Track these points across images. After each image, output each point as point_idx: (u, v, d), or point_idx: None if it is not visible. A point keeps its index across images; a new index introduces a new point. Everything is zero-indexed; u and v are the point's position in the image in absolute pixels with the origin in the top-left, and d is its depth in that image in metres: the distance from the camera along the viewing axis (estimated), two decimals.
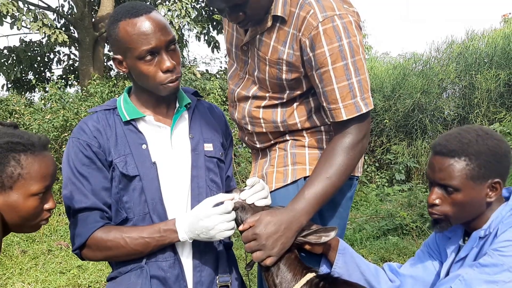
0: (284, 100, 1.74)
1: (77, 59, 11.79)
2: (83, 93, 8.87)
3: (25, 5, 9.58)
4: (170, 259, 1.59)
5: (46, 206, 1.37)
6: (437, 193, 1.53)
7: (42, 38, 10.62)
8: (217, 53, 12.17)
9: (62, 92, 8.37)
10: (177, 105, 1.71)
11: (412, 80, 7.38)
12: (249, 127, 1.83)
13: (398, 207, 5.63)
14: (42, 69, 12.03)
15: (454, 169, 1.48)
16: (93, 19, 11.06)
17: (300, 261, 1.58)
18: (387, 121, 7.36)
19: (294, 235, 1.54)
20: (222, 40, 13.50)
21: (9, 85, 11.73)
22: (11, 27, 9.67)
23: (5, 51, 11.12)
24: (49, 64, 12.17)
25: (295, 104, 1.74)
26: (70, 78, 11.42)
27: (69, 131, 6.81)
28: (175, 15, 9.93)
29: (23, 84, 11.92)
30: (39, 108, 8.28)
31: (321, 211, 1.69)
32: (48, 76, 12.32)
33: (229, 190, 1.75)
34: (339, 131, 1.63)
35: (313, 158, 1.72)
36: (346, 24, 1.54)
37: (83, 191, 1.57)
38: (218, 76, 11.21)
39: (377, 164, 7.42)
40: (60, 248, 4.93)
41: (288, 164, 1.75)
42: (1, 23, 9.05)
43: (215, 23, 11.64)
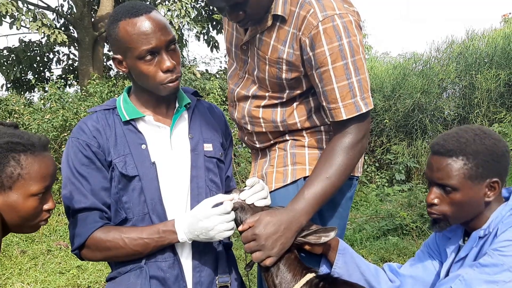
0: (284, 100, 1.73)
1: (77, 59, 11.79)
2: (83, 93, 8.87)
3: (25, 5, 9.58)
4: (170, 260, 1.59)
5: (46, 206, 1.37)
6: (436, 192, 1.53)
7: (41, 38, 10.64)
8: (216, 53, 12.19)
9: (61, 92, 8.37)
10: (177, 105, 1.70)
11: (412, 80, 7.37)
12: (249, 127, 1.83)
13: (398, 207, 5.62)
14: (41, 69, 12.04)
15: (452, 168, 1.48)
16: (93, 19, 11.06)
17: (300, 261, 1.57)
18: (387, 121, 7.35)
19: (294, 235, 1.54)
20: (222, 40, 13.50)
21: (9, 85, 11.73)
22: (11, 27, 9.67)
23: (5, 51, 11.13)
24: (48, 64, 12.18)
25: (294, 104, 1.74)
26: (69, 78, 11.42)
27: (69, 131, 6.81)
28: (174, 15, 9.93)
29: (23, 84, 11.93)
30: (38, 108, 8.28)
31: (321, 211, 1.68)
32: (48, 76, 12.33)
33: (228, 190, 1.75)
34: (338, 131, 1.62)
35: (313, 158, 1.72)
36: (346, 24, 1.54)
37: (82, 191, 1.56)
38: (218, 76, 11.21)
39: (377, 164, 7.41)
40: (60, 248, 4.93)
41: (288, 164, 1.74)
42: (0, 23, 9.04)
43: (214, 23, 11.65)
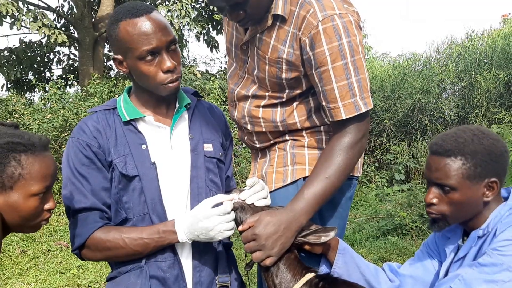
0: (284, 100, 1.74)
1: (77, 59, 11.79)
2: (83, 93, 8.87)
3: (25, 5, 9.57)
4: (170, 260, 1.59)
5: (47, 206, 1.37)
6: (434, 192, 1.53)
7: (41, 38, 10.62)
8: (216, 53, 12.18)
9: (62, 92, 8.37)
10: (177, 105, 1.71)
11: (411, 80, 7.37)
12: (249, 127, 1.83)
13: (397, 207, 5.62)
14: (42, 69, 12.02)
15: (450, 168, 1.48)
16: (93, 19, 11.06)
17: (299, 261, 1.58)
18: (387, 121, 7.35)
19: (294, 235, 1.54)
20: (222, 40, 13.50)
21: (9, 85, 11.72)
22: (11, 27, 9.67)
23: (5, 51, 11.13)
24: (49, 64, 12.17)
25: (294, 104, 1.74)
26: (70, 78, 11.43)
27: (69, 131, 6.81)
28: (175, 15, 9.94)
29: (23, 84, 11.92)
30: (39, 108, 8.27)
31: (321, 211, 1.69)
32: (48, 76, 12.32)
33: (228, 190, 1.75)
34: (338, 131, 1.63)
35: (313, 159, 1.72)
36: (346, 24, 1.54)
37: (82, 191, 1.57)
38: (218, 76, 11.20)
39: (376, 164, 7.41)
40: (60, 248, 4.93)
41: (288, 164, 1.75)
42: (0, 23, 9.04)
43: (214, 23, 11.64)
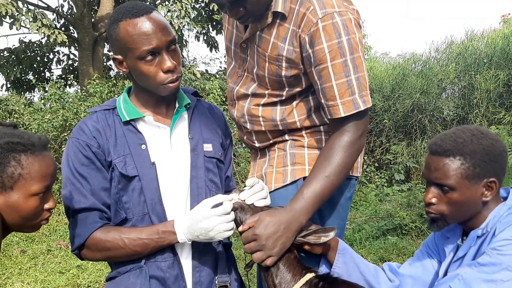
0: (283, 98, 1.73)
1: (77, 59, 11.78)
2: (83, 93, 8.87)
3: (25, 5, 9.57)
4: (169, 260, 1.59)
5: (47, 205, 1.37)
6: (433, 192, 1.53)
7: (41, 38, 10.63)
8: (216, 53, 12.18)
9: (61, 92, 8.38)
10: (177, 105, 1.71)
11: (411, 81, 7.37)
12: (248, 126, 1.83)
13: (397, 207, 5.62)
14: (41, 69, 12.03)
15: (449, 168, 1.48)
16: (93, 19, 11.06)
17: (299, 261, 1.58)
18: (387, 121, 7.36)
19: (294, 234, 1.54)
20: (222, 40, 13.46)
21: (9, 85, 11.72)
22: (11, 28, 9.67)
23: (5, 52, 11.13)
24: (48, 64, 12.17)
25: (294, 103, 1.74)
26: (69, 78, 11.43)
27: (69, 131, 6.81)
28: (174, 15, 9.94)
29: (23, 84, 11.92)
30: (38, 108, 8.28)
31: (321, 211, 1.69)
32: (48, 76, 12.32)
33: (228, 190, 1.75)
34: (337, 129, 1.63)
35: (312, 159, 1.72)
36: (345, 22, 1.54)
37: (82, 191, 1.57)
38: (217, 76, 11.20)
39: (376, 164, 7.41)
40: (60, 248, 4.93)
41: (288, 165, 1.75)
42: (0, 23, 9.04)
43: (214, 23, 11.65)
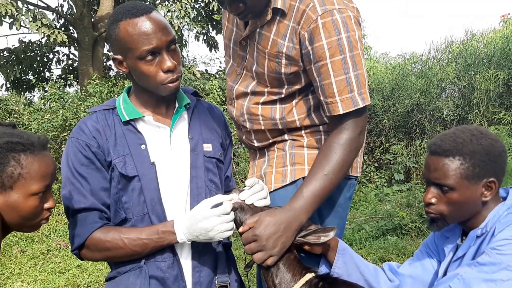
0: (283, 96, 1.73)
1: (77, 59, 11.79)
2: (83, 93, 8.87)
3: (24, 5, 9.57)
4: (169, 260, 1.59)
5: (46, 205, 1.37)
6: (433, 192, 1.54)
7: (41, 38, 10.63)
8: (216, 53, 12.17)
9: (61, 92, 8.38)
10: (177, 105, 1.71)
11: (411, 80, 7.37)
12: (247, 125, 1.82)
13: (397, 207, 5.63)
14: (41, 69, 12.03)
15: (448, 168, 1.48)
16: (93, 19, 11.06)
17: (299, 261, 1.58)
18: (386, 121, 7.35)
19: (294, 233, 1.54)
20: (221, 40, 13.45)
21: (9, 85, 11.72)
22: (10, 27, 9.67)
23: (5, 51, 11.12)
24: (48, 64, 12.17)
25: (294, 101, 1.74)
26: (69, 78, 11.43)
27: (68, 131, 6.81)
28: (174, 15, 9.94)
29: (23, 84, 11.93)
30: (38, 108, 8.28)
31: (320, 211, 1.69)
32: (48, 76, 12.32)
33: (228, 190, 1.75)
34: (335, 126, 1.63)
35: (312, 159, 1.72)
36: (345, 19, 1.54)
37: (82, 191, 1.57)
38: (217, 76, 11.19)
39: (376, 164, 7.41)
40: (59, 248, 4.93)
41: (287, 165, 1.75)
42: (0, 23, 9.04)
43: (214, 23, 11.65)
